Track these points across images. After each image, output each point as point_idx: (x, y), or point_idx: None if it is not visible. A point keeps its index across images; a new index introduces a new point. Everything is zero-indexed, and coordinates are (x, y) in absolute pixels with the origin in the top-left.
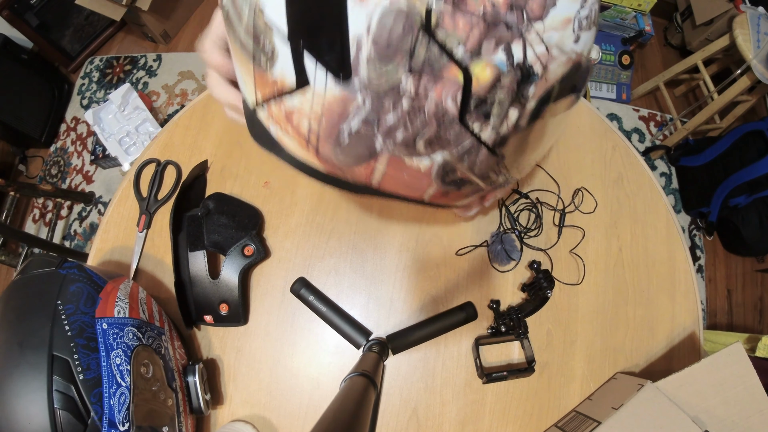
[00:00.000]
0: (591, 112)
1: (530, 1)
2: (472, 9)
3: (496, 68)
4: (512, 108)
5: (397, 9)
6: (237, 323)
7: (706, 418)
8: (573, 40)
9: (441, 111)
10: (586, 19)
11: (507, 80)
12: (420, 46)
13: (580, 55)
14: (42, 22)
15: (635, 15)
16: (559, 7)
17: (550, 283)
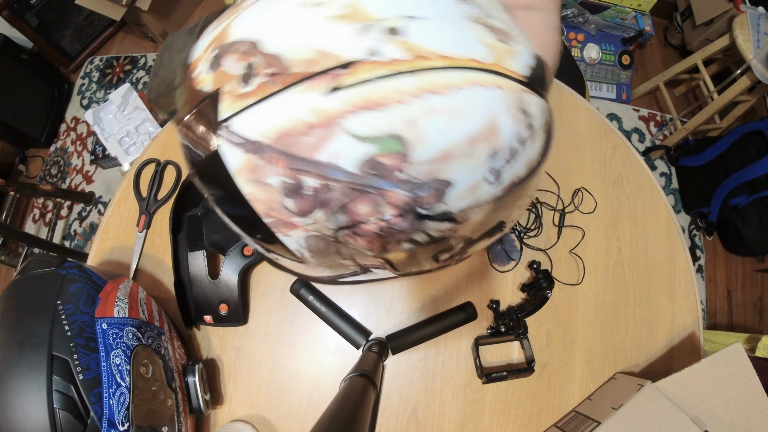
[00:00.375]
0: (591, 112)
1: (422, 203)
2: (366, 231)
3: (406, 251)
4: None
5: (315, 234)
6: (237, 323)
7: (706, 418)
8: (491, 188)
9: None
10: (504, 161)
11: (421, 250)
12: (341, 250)
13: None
14: (42, 22)
15: (635, 15)
16: (461, 182)
17: (549, 283)
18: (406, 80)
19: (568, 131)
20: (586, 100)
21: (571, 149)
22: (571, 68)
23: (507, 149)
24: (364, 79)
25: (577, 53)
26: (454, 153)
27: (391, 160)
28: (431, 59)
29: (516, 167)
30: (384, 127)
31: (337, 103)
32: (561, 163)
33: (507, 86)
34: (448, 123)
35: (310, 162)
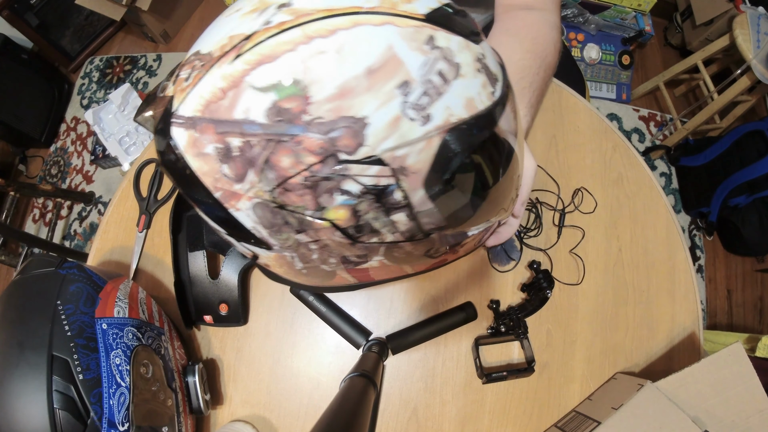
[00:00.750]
0: (591, 112)
1: (339, 146)
2: (295, 185)
3: (345, 206)
4: (396, 213)
5: (258, 202)
6: (237, 323)
7: (706, 418)
8: (418, 125)
9: (339, 243)
10: (424, 95)
11: (364, 206)
12: (288, 218)
13: (445, 123)
14: (42, 22)
15: (635, 15)
16: (376, 118)
17: (549, 283)
18: (292, 32)
19: (568, 131)
20: (586, 100)
21: (571, 149)
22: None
23: (421, 82)
24: (259, 41)
25: (577, 53)
26: (353, 87)
27: (294, 103)
28: (313, 14)
29: (447, 103)
30: (279, 74)
31: (240, 64)
32: (561, 163)
33: (400, 22)
34: (338, 59)
35: (230, 122)
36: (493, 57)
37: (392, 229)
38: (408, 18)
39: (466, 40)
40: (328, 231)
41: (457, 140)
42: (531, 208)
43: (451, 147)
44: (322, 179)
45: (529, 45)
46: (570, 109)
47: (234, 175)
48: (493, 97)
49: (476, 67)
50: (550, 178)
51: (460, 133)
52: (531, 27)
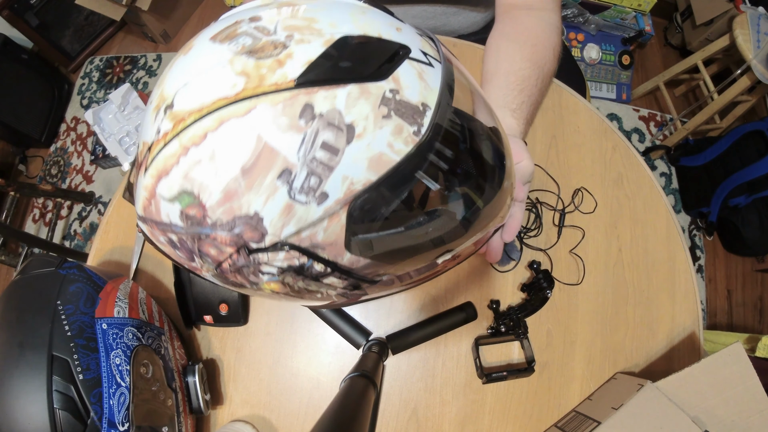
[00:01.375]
0: (591, 112)
1: (246, 239)
2: (226, 268)
3: (274, 281)
4: (326, 278)
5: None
6: (237, 323)
7: (706, 418)
8: (314, 206)
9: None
10: (311, 176)
11: (290, 279)
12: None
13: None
14: (42, 22)
15: (635, 15)
16: (267, 212)
17: (549, 283)
18: (172, 145)
19: (568, 131)
20: (586, 100)
21: (571, 149)
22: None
23: (303, 164)
24: (155, 157)
25: (577, 53)
26: (234, 189)
27: (195, 210)
28: (186, 118)
29: (343, 174)
30: (174, 187)
31: (149, 178)
32: (561, 163)
33: (266, 102)
34: (211, 166)
35: (162, 223)
36: (418, 77)
37: (332, 288)
38: (276, 93)
39: (362, 84)
40: (276, 292)
41: (366, 208)
42: (531, 208)
43: (361, 216)
44: (243, 266)
45: (529, 53)
46: (570, 109)
47: (185, 258)
48: (418, 136)
49: (381, 113)
50: (550, 178)
51: (369, 200)
52: (531, 31)
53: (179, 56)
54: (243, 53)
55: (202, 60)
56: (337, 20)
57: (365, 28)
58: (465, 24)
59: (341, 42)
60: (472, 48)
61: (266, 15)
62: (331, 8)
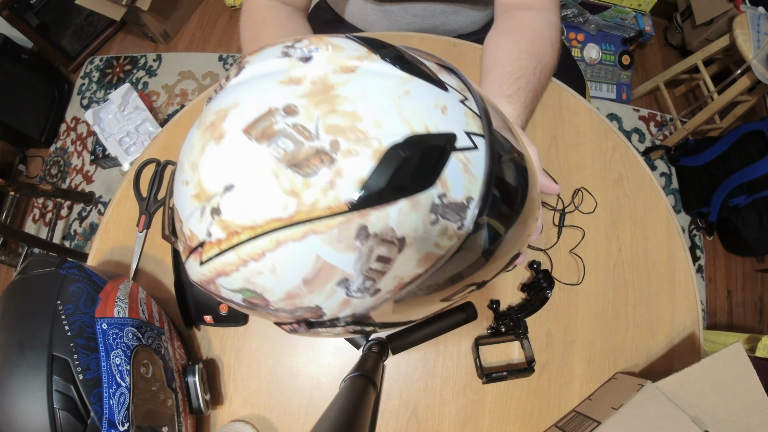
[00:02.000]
0: (591, 112)
1: (307, 317)
2: (287, 329)
3: (340, 330)
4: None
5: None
6: (237, 323)
7: (706, 418)
8: (368, 297)
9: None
10: (367, 280)
11: (347, 334)
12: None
13: (396, 287)
14: (42, 22)
15: (635, 15)
16: (327, 305)
17: (549, 283)
18: (230, 256)
19: (568, 131)
20: (586, 100)
21: (571, 149)
22: (571, 68)
23: (360, 273)
24: (210, 257)
25: (577, 53)
26: (296, 293)
27: (258, 301)
28: (241, 233)
29: (395, 274)
30: (236, 285)
31: (207, 272)
32: (561, 163)
33: (320, 227)
34: (274, 278)
35: (220, 296)
36: (462, 169)
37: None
38: (330, 217)
39: (413, 197)
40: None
41: (413, 292)
42: None
43: (410, 292)
44: (302, 330)
45: (526, 45)
46: (570, 109)
47: (248, 310)
48: (461, 231)
49: (430, 220)
50: (549, 177)
51: (417, 286)
52: (528, 27)
53: (209, 142)
54: (287, 165)
55: (242, 160)
56: (381, 115)
57: (411, 120)
58: (465, 23)
59: (391, 155)
60: (472, 48)
61: (300, 104)
62: (372, 92)
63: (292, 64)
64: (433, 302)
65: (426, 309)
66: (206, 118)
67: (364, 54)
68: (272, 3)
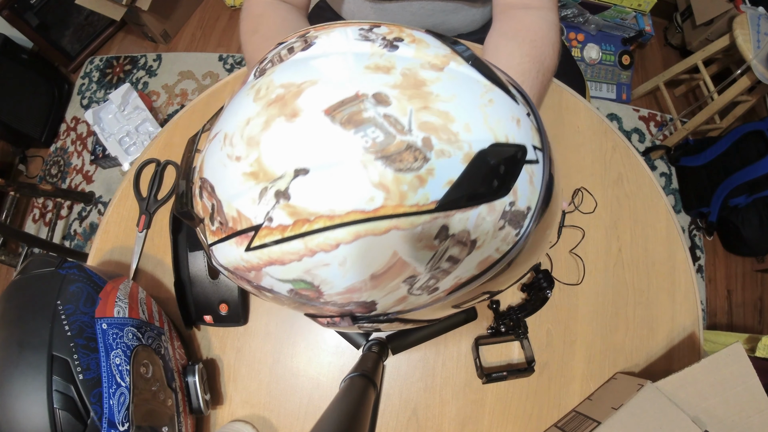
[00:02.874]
0: (591, 112)
1: (354, 311)
2: (324, 322)
3: (371, 326)
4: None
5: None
6: (237, 323)
7: (706, 418)
8: (425, 296)
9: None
10: (431, 279)
11: (384, 327)
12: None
13: (453, 286)
14: (42, 22)
15: (635, 15)
16: (383, 301)
17: (549, 283)
18: (295, 244)
19: (568, 131)
20: (586, 100)
21: (571, 149)
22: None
23: (429, 272)
24: (265, 243)
25: (577, 53)
26: (359, 287)
27: (309, 293)
28: (313, 222)
29: (457, 275)
30: (291, 275)
31: (254, 258)
32: (561, 163)
33: (405, 224)
34: (341, 271)
35: (258, 285)
36: (528, 181)
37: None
38: (416, 215)
39: (491, 204)
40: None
41: (466, 289)
42: None
43: (462, 294)
44: (342, 325)
45: (528, 48)
46: (570, 109)
47: (271, 300)
48: (517, 238)
49: (498, 226)
50: None
51: (470, 285)
52: (529, 28)
53: (277, 118)
54: (377, 156)
55: (322, 144)
56: (471, 120)
57: (495, 128)
58: (464, 22)
59: (479, 160)
60: (473, 47)
61: (392, 95)
62: (462, 95)
63: (375, 49)
64: (446, 308)
65: (441, 313)
66: (268, 90)
67: (449, 54)
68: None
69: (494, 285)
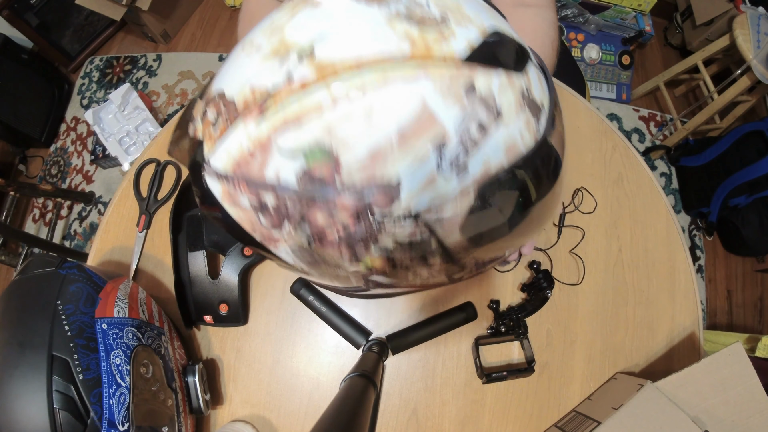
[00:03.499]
0: (591, 112)
1: (374, 205)
2: (331, 240)
3: (380, 257)
4: (431, 257)
5: (298, 247)
6: (237, 323)
7: (706, 418)
8: (454, 181)
9: (373, 279)
10: (461, 151)
11: (398, 255)
12: (326, 259)
13: (483, 176)
14: (42, 22)
15: (635, 15)
16: (410, 181)
17: (549, 283)
18: (318, 94)
19: (568, 131)
20: (586, 100)
21: (571, 149)
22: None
23: (458, 136)
24: (281, 107)
25: (577, 53)
26: (384, 150)
27: (324, 169)
28: (339, 71)
29: (485, 155)
30: (307, 139)
31: (266, 127)
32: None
33: (435, 72)
34: (366, 125)
35: (261, 183)
36: (538, 80)
37: (427, 269)
38: (445, 66)
39: (509, 74)
40: (366, 274)
41: (494, 190)
42: None
43: (489, 196)
44: (357, 235)
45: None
46: (570, 109)
47: (271, 225)
48: (538, 133)
49: (519, 105)
50: None
51: (499, 183)
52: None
53: (301, 8)
54: (401, 18)
55: (344, 15)
56: (479, 13)
57: (502, 26)
58: None
59: (495, 34)
60: None
61: None
62: (470, 3)
63: None
64: (467, 263)
65: (480, 255)
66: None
67: None
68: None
69: (510, 242)
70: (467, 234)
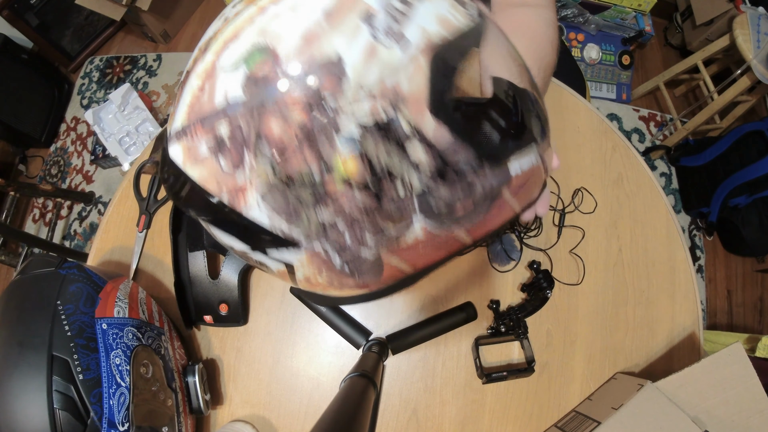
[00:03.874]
0: (591, 112)
1: (323, 91)
2: (293, 147)
3: (352, 156)
4: (410, 147)
5: (265, 190)
6: (237, 323)
7: (706, 418)
8: (398, 50)
9: (366, 209)
10: (391, 21)
11: (371, 146)
12: (300, 194)
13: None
14: (42, 22)
15: (635, 15)
16: (350, 54)
17: (549, 283)
18: (248, 10)
19: (568, 131)
20: (586, 100)
21: (571, 149)
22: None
23: (383, 9)
24: (222, 32)
25: (577, 53)
26: (316, 32)
27: (265, 67)
28: None
29: (419, 24)
30: (244, 47)
31: (209, 56)
32: (561, 163)
33: None
34: (294, 15)
35: (213, 112)
36: None
37: (414, 170)
38: None
39: None
40: (348, 196)
41: (446, 56)
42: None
43: (444, 63)
44: (317, 130)
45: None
46: (570, 109)
47: (232, 165)
48: (470, 18)
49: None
50: (549, 177)
51: (449, 48)
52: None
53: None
54: None
55: None
56: None
57: None
58: None
59: None
60: None
61: None
62: None
63: None
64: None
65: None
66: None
67: None
68: None
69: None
70: (440, 116)
